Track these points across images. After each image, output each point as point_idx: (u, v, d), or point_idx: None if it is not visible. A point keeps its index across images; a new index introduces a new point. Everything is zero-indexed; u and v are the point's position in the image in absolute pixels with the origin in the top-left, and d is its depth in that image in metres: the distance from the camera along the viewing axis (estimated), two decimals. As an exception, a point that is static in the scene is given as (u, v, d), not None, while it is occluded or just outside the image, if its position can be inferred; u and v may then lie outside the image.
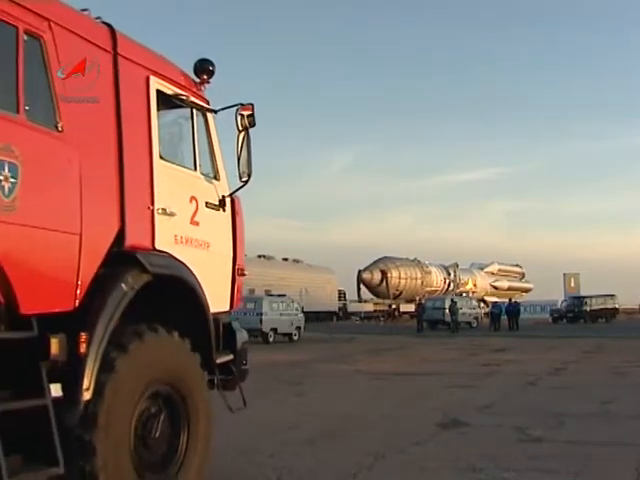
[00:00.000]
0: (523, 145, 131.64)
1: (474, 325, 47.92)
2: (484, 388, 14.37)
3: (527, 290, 76.34)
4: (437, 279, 55.96)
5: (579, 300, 58.99)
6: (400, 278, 55.44)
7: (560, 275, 75.85)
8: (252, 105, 6.45)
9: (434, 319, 45.91)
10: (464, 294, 55.44)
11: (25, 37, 4.57)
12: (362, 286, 61.42)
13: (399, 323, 54.11)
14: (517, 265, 74.42)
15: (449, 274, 57.74)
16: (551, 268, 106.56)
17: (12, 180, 4.22)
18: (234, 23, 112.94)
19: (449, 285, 57.18)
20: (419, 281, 53.92)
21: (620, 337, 32.93)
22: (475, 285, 61.97)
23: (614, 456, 8.03)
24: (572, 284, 73.50)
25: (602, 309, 58.28)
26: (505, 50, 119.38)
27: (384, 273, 55.99)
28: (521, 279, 76.11)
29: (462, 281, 61.86)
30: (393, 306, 59.00)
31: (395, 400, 12.24)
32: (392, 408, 11.54)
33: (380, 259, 56.88)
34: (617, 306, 60.99)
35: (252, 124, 6.46)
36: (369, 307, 63.24)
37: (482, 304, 53.51)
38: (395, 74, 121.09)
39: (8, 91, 4.44)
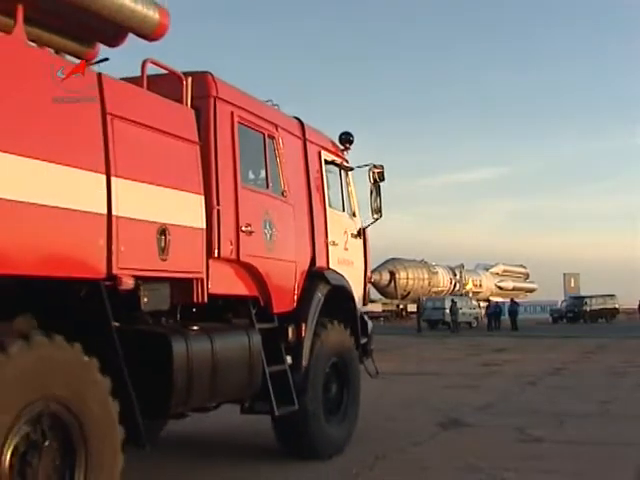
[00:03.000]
0: (523, 145, 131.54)
1: (474, 325, 47.93)
2: (484, 388, 14.39)
3: (531, 290, 76.41)
4: (444, 280, 56.03)
5: (579, 300, 58.92)
6: (408, 279, 55.43)
7: (560, 275, 75.98)
8: (382, 165, 9.04)
9: (434, 319, 45.90)
10: (470, 294, 55.50)
11: (267, 139, 7.12)
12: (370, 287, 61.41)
13: (407, 323, 54.16)
14: (521, 266, 74.47)
15: (455, 275, 57.79)
16: (551, 268, 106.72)
17: (270, 231, 6.84)
18: (234, 27, 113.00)
19: (455, 285, 57.23)
20: (426, 282, 53.94)
21: (620, 337, 32.91)
22: (480, 285, 61.89)
23: (614, 456, 8.05)
24: (572, 284, 73.47)
25: (602, 309, 58.21)
26: (505, 50, 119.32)
27: (392, 274, 56.00)
28: (525, 279, 76.12)
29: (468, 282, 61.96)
30: (401, 306, 59.03)
31: (395, 400, 12.26)
32: (392, 408, 11.55)
33: (388, 260, 56.87)
34: (617, 306, 60.88)
35: (382, 179, 9.06)
36: (377, 307, 63.32)
37: (485, 304, 53.42)
38: (395, 74, 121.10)
39: (262, 176, 7.05)
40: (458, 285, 57.46)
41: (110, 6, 5.07)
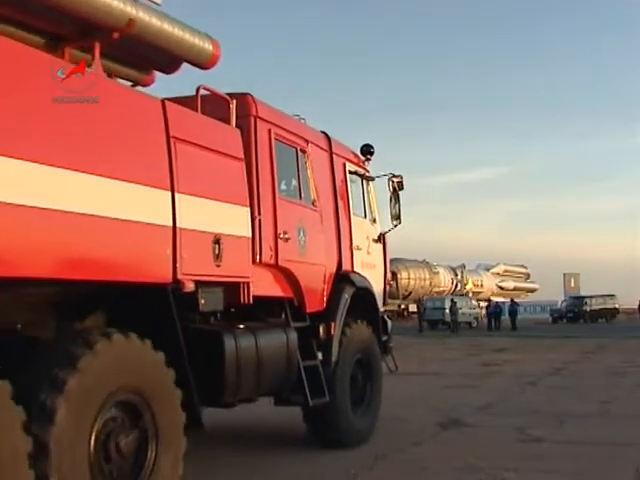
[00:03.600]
0: (523, 145, 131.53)
1: (474, 325, 47.94)
2: (484, 388, 14.41)
3: (532, 290, 76.40)
4: (445, 280, 56.02)
5: (579, 300, 58.95)
6: (409, 279, 55.39)
7: (560, 275, 75.97)
8: (401, 175, 9.75)
9: (434, 319, 45.87)
10: (470, 294, 55.45)
11: (300, 153, 7.89)
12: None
13: (408, 323, 54.14)
14: (522, 266, 74.45)
15: (456, 275, 57.76)
16: (551, 268, 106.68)
17: (303, 237, 7.56)
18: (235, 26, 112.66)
19: (456, 286, 57.23)
20: (427, 282, 53.91)
21: (620, 337, 32.97)
22: (481, 285, 61.85)
23: (614, 456, 8.07)
24: (572, 284, 73.44)
25: (602, 309, 58.16)
26: (505, 49, 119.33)
27: (394, 274, 56.03)
28: (526, 279, 76.09)
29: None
30: (402, 306, 59.01)
31: (395, 400, 12.23)
32: (392, 408, 11.53)
33: (391, 260, 57.08)
34: (617, 306, 60.82)
35: (401, 188, 9.76)
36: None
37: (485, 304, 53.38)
38: (395, 74, 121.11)
39: (295, 187, 7.77)
40: (459, 285, 57.44)
41: (173, 41, 5.79)
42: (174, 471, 5.31)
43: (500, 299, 55.77)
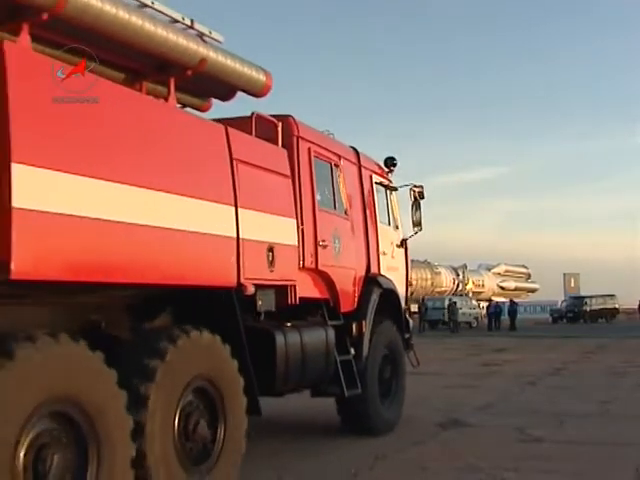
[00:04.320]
0: (523, 145, 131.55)
1: (474, 325, 48.03)
2: (484, 388, 14.47)
3: (533, 290, 76.38)
4: (446, 280, 56.01)
5: (579, 300, 59.12)
6: (411, 279, 55.36)
7: (560, 275, 75.94)
8: (422, 185, 10.67)
9: (434, 319, 45.84)
10: (470, 294, 55.35)
11: (334, 168, 8.76)
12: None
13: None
14: (523, 266, 74.41)
15: (458, 275, 57.74)
16: (551, 268, 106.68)
17: (338, 244, 8.46)
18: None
19: (458, 286, 57.21)
20: (429, 282, 53.86)
21: (620, 337, 33.09)
22: (482, 285, 61.81)
23: (614, 456, 8.11)
24: (572, 284, 73.42)
25: (602, 309, 58.23)
26: (505, 49, 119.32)
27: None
28: (527, 279, 76.01)
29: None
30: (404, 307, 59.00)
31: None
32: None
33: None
34: (617, 306, 60.87)
35: (422, 197, 10.67)
36: None
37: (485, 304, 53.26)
38: (394, 74, 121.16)
39: (330, 199, 8.60)
40: (461, 285, 57.38)
41: (234, 74, 6.68)
42: (238, 449, 6.22)
43: (501, 299, 55.64)
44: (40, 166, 4.42)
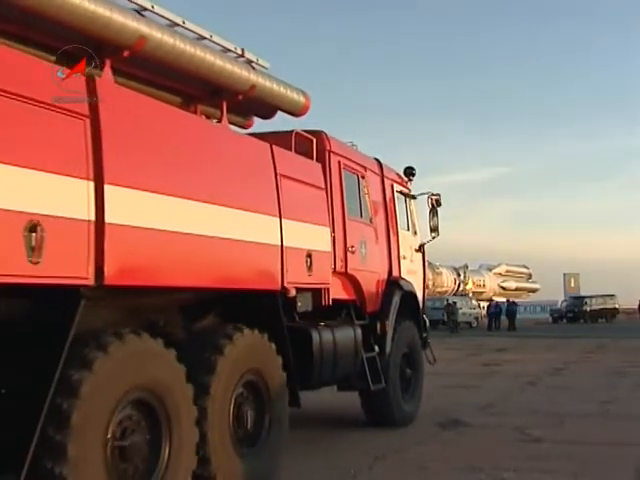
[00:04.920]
0: (523, 145, 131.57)
1: (474, 325, 48.08)
2: (484, 388, 14.51)
3: (534, 290, 76.38)
4: (448, 280, 56.05)
5: (579, 300, 59.31)
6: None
7: (560, 275, 75.93)
8: (439, 194, 11.45)
9: (434, 319, 45.74)
10: (470, 294, 55.32)
11: (360, 179, 9.44)
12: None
13: None
14: (524, 266, 74.42)
15: (459, 275, 57.75)
16: (551, 268, 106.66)
17: (364, 249, 9.17)
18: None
19: (459, 286, 57.25)
20: (430, 282, 53.88)
21: (620, 337, 33.15)
22: (483, 285, 61.83)
23: (614, 456, 8.13)
24: (572, 284, 73.39)
25: (602, 309, 58.33)
26: (505, 49, 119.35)
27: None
28: (528, 279, 75.98)
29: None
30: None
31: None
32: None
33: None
34: (617, 306, 60.94)
35: (439, 204, 11.35)
36: None
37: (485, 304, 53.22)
38: (394, 73, 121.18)
39: (357, 207, 9.24)
40: (462, 285, 57.36)
41: (277, 97, 7.46)
42: (281, 435, 6.98)
43: (502, 299, 55.59)
44: (126, 186, 5.15)
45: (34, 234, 4.39)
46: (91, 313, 4.92)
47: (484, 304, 53.88)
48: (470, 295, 55.52)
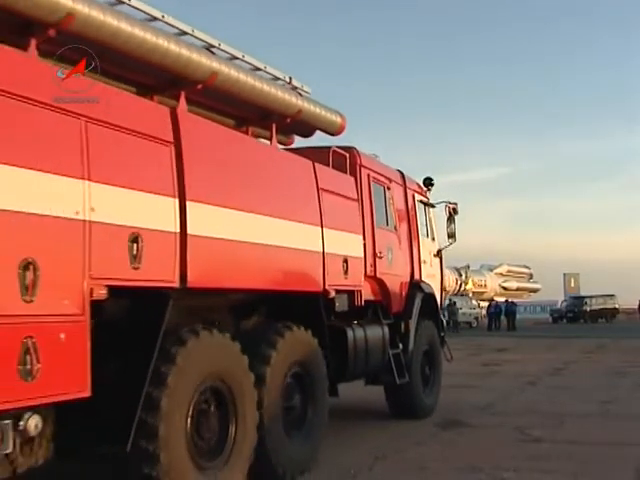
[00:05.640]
0: (523, 145, 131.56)
1: (474, 325, 48.11)
2: (484, 388, 14.57)
3: (535, 290, 76.45)
4: (449, 280, 55.93)
5: (579, 300, 59.57)
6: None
7: (560, 275, 76.01)
8: (456, 202, 12.64)
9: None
10: (470, 294, 55.26)
11: (386, 190, 10.39)
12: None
13: None
14: (525, 266, 74.42)
15: (460, 275, 57.75)
16: (551, 268, 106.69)
17: (390, 255, 10.09)
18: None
19: (460, 286, 57.24)
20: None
21: (620, 337, 33.26)
22: (484, 285, 61.82)
23: (614, 456, 8.16)
24: (572, 284, 73.44)
25: (602, 309, 58.60)
26: (506, 49, 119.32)
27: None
28: (529, 279, 75.93)
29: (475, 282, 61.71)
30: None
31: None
32: (392, 408, 11.53)
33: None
34: (617, 306, 61.03)
35: (456, 213, 12.59)
36: None
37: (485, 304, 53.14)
38: (394, 73, 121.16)
39: (384, 216, 10.15)
40: (463, 286, 57.32)
41: (318, 119, 8.41)
42: (322, 421, 7.93)
43: (502, 299, 55.53)
44: (203, 202, 6.08)
45: (135, 244, 5.31)
46: (173, 312, 5.80)
47: (484, 304, 53.83)
48: (470, 295, 55.51)
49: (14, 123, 4.55)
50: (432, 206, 12.45)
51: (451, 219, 12.43)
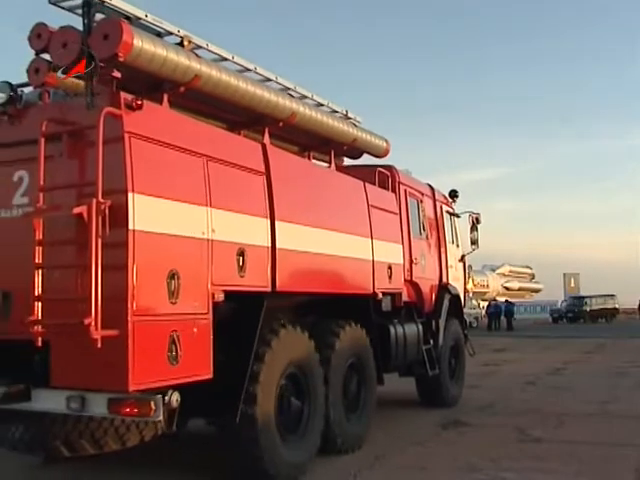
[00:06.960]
0: (524, 145, 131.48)
1: (474, 325, 48.04)
2: (484, 388, 14.66)
3: (537, 290, 76.61)
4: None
5: (579, 300, 59.97)
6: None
7: (560, 275, 76.18)
8: (479, 213, 14.17)
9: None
10: (470, 294, 55.17)
11: (419, 203, 11.81)
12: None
13: None
14: (527, 266, 74.48)
15: (463, 275, 57.72)
16: (551, 268, 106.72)
17: (423, 261, 11.55)
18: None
19: (462, 286, 57.22)
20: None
21: (620, 337, 33.45)
22: (487, 286, 61.77)
23: (614, 456, 8.16)
24: (572, 284, 73.88)
25: (602, 309, 59.19)
26: (506, 50, 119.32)
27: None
28: (531, 280, 75.90)
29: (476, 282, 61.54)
30: None
31: (395, 400, 12.25)
32: (392, 407, 11.62)
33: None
34: (617, 306, 61.29)
35: (478, 222, 13.99)
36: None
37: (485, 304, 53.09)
38: (395, 74, 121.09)
39: (417, 227, 11.54)
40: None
41: (367, 144, 9.75)
42: (373, 405, 9.29)
43: (502, 299, 55.49)
44: (287, 221, 7.44)
45: (241, 257, 6.71)
46: (266, 310, 7.15)
47: (484, 304, 53.76)
48: (470, 295, 55.44)
49: (160, 164, 5.90)
50: (457, 216, 13.88)
51: (474, 227, 13.86)
